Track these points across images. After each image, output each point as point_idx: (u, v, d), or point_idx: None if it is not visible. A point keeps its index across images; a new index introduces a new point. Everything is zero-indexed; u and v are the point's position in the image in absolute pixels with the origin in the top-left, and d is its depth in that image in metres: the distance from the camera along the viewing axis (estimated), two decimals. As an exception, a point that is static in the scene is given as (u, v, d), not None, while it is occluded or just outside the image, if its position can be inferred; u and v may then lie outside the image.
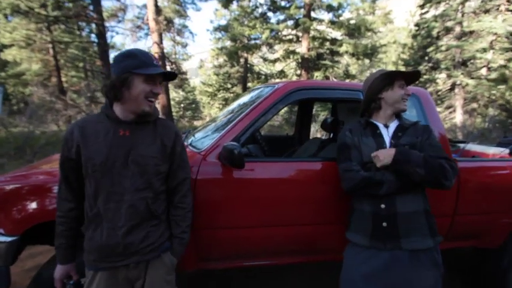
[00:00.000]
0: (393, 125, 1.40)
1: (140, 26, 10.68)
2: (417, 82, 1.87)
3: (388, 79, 1.34)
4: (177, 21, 12.14)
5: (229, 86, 13.07)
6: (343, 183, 1.33)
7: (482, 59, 12.19)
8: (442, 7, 12.84)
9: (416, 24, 14.26)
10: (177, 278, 1.24)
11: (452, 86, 12.90)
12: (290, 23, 9.15)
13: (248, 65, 12.42)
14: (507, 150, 2.64)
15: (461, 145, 2.82)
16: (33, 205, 1.40)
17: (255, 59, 13.34)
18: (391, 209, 1.26)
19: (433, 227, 1.29)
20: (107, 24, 9.11)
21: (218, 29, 11.73)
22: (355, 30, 8.45)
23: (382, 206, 1.27)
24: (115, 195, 1.05)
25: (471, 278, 2.24)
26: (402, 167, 1.21)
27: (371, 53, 8.82)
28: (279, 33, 9.64)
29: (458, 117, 12.77)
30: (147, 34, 11.14)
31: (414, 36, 14.53)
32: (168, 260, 1.17)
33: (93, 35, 11.75)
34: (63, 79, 13.31)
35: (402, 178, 1.23)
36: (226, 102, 12.48)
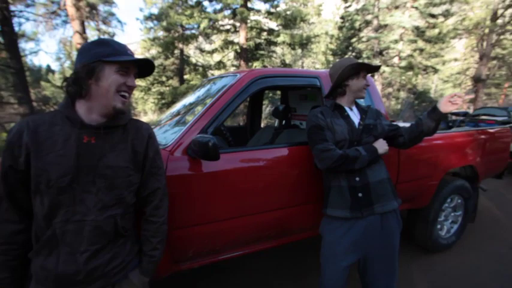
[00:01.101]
0: (354, 108, 1.59)
1: (56, 12, 9.29)
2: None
3: (355, 69, 1.49)
4: (101, 8, 10.93)
5: (164, 79, 12.37)
6: (321, 162, 1.43)
7: (394, 49, 14.00)
8: (362, 1, 14.23)
9: (342, 17, 15.57)
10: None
11: (373, 73, 14.54)
12: (227, 12, 9.07)
13: (184, 57, 11.93)
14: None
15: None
16: None
17: (190, 50, 12.89)
18: (364, 181, 1.44)
19: (394, 191, 1.52)
20: (12, 8, 7.68)
21: (150, 18, 10.94)
22: (291, 21, 8.81)
23: (357, 178, 1.44)
24: (75, 215, 0.87)
25: (406, 234, 2.66)
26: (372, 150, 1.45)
27: (306, 43, 9.34)
28: (217, 23, 9.48)
29: (379, 100, 14.50)
30: (65, 22, 9.76)
31: (340, 28, 15.87)
32: (136, 280, 1.02)
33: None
34: (-45, 75, 10.87)
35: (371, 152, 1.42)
36: (162, 96, 11.80)
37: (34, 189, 0.86)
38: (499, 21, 15.17)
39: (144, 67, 0.99)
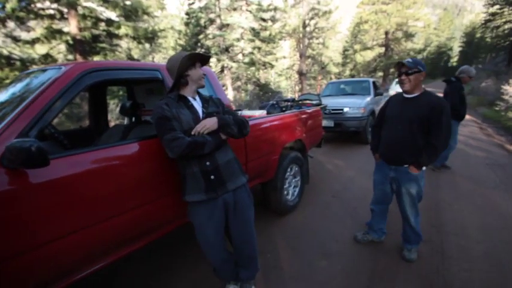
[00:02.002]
0: (197, 98, 1.68)
1: None
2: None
3: (191, 59, 1.59)
4: None
5: (-46, 76, 8.85)
6: (171, 152, 1.45)
7: (238, 46, 15.54)
8: (204, 0, 14.86)
9: (187, 13, 15.76)
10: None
11: (222, 68, 15.66)
12: (46, -6, 7.33)
13: (-14, 47, 8.89)
14: (265, 111, 3.75)
15: (239, 112, 3.66)
16: None
17: (-4, 38, 9.74)
18: (214, 164, 1.57)
19: (241, 169, 1.74)
20: None
21: None
22: (132, 13, 8.11)
23: (207, 163, 1.55)
24: None
25: (264, 203, 3.11)
26: (225, 128, 1.56)
27: (152, 37, 8.89)
28: (33, 6, 7.50)
29: (230, 93, 15.83)
30: None
31: (186, 24, 16.07)
32: None
33: None
34: None
35: (216, 137, 1.55)
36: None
37: None
38: (307, 28, 19.61)
39: None
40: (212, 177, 1.57)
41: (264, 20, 15.79)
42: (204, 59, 1.68)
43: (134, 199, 1.59)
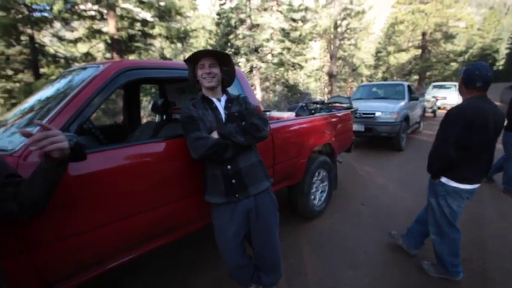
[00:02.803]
0: (223, 98, 1.66)
1: None
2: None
3: (190, 62, 1.60)
4: None
5: (10, 72, 9.68)
6: (194, 151, 1.44)
7: (267, 47, 15.53)
8: (235, 0, 15.03)
9: (218, 14, 16.03)
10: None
11: (251, 69, 15.73)
12: (89, -4, 7.81)
13: (37, 45, 9.64)
14: (294, 113, 3.68)
15: (267, 113, 3.63)
16: None
17: (45, 38, 10.51)
18: (236, 167, 1.53)
19: (266, 172, 1.68)
20: None
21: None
22: (165, 13, 8.39)
23: (229, 167, 1.52)
24: None
25: (290, 207, 3.05)
26: (228, 138, 1.46)
27: (184, 37, 9.13)
28: (76, 7, 8.02)
29: (258, 93, 15.86)
30: None
31: (217, 24, 16.34)
32: None
33: None
34: None
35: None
36: (10, 94, 9.24)
37: None
38: (339, 29, 19.09)
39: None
40: (233, 181, 1.54)
41: (294, 20, 15.64)
42: (204, 55, 1.55)
43: (162, 197, 1.60)
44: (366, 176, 4.65)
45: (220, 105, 1.62)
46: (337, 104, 4.59)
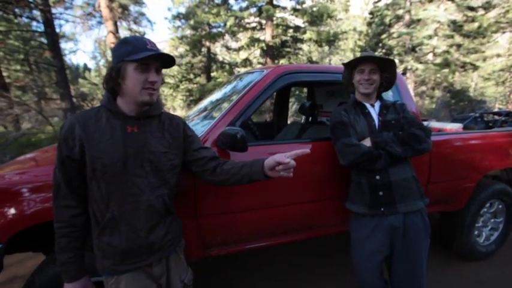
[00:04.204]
0: (377, 104, 1.54)
1: (91, 13, 9.83)
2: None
3: (349, 66, 1.51)
4: (132, 8, 11.39)
5: (192, 76, 12.69)
6: (343, 158, 1.42)
7: (428, 45, 13.28)
8: (392, -4, 13.64)
9: (371, 12, 15.04)
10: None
11: (404, 71, 13.91)
12: (253, 10, 9.10)
13: (211, 54, 12.14)
14: (461, 125, 2.99)
15: (425, 123, 3.11)
16: (14, 210, 1.26)
17: (217, 48, 13.09)
18: (385, 179, 1.40)
19: (421, 190, 1.46)
20: (53, 10, 8.23)
21: (178, 17, 11.23)
22: (317, 18, 8.66)
23: (377, 177, 1.40)
24: (130, 197, 0.98)
25: (439, 238, 2.53)
26: (383, 147, 1.36)
27: (333, 39, 9.14)
28: (243, 21, 9.53)
29: (410, 99, 13.84)
30: (100, 22, 10.30)
31: (369, 24, 15.34)
32: (182, 257, 1.19)
33: (34, 23, 10.56)
34: (4, 74, 11.84)
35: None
36: (190, 93, 12.10)
37: (90, 176, 0.96)
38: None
39: (167, 59, 0.99)
40: (380, 193, 1.40)
41: (471, 8, 12.60)
42: (365, 61, 1.47)
43: (303, 194, 1.67)
44: None
45: (374, 111, 1.52)
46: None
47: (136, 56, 0.92)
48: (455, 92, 13.97)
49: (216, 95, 2.19)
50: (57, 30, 8.54)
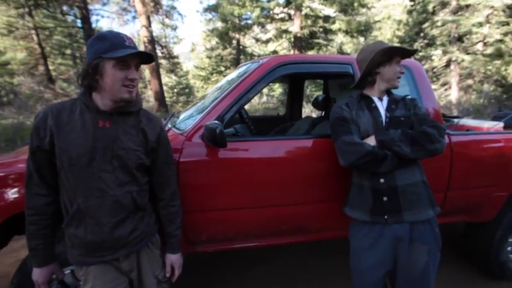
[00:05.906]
0: (385, 98, 1.37)
1: (126, 8, 10.25)
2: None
3: (387, 55, 1.27)
4: (165, 2, 11.74)
5: (222, 68, 12.81)
6: (343, 157, 1.27)
7: (478, 33, 11.96)
8: (437, -20, 12.45)
9: (412, 0, 13.88)
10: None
11: (448, 63, 12.74)
12: (281, 1, 8.84)
13: (240, 47, 12.12)
14: (501, 124, 2.60)
15: (456, 120, 2.77)
16: (11, 194, 1.32)
17: (247, 40, 13.03)
18: (390, 183, 1.23)
19: (431, 198, 1.28)
20: (90, 7, 8.71)
21: (208, 9, 11.31)
22: (348, 6, 8.17)
23: (381, 180, 1.24)
24: (96, 191, 0.97)
25: (463, 252, 2.25)
26: (389, 146, 1.20)
27: (365, 29, 8.59)
28: (271, 12, 9.32)
29: (454, 94, 12.70)
30: (134, 17, 10.72)
31: (409, 12, 14.17)
32: (157, 253, 1.17)
33: (78, 20, 11.31)
34: (51, 67, 12.88)
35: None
36: (219, 86, 12.22)
37: (59, 167, 0.97)
38: None
39: (145, 55, 0.99)
40: (385, 198, 1.24)
41: (532, -8, 11.07)
42: (406, 54, 1.31)
43: (296, 195, 1.55)
44: None
45: (382, 105, 1.34)
46: None
47: (114, 53, 0.91)
48: (508, 86, 12.47)
49: (216, 86, 2.12)
50: (94, 26, 9.02)
